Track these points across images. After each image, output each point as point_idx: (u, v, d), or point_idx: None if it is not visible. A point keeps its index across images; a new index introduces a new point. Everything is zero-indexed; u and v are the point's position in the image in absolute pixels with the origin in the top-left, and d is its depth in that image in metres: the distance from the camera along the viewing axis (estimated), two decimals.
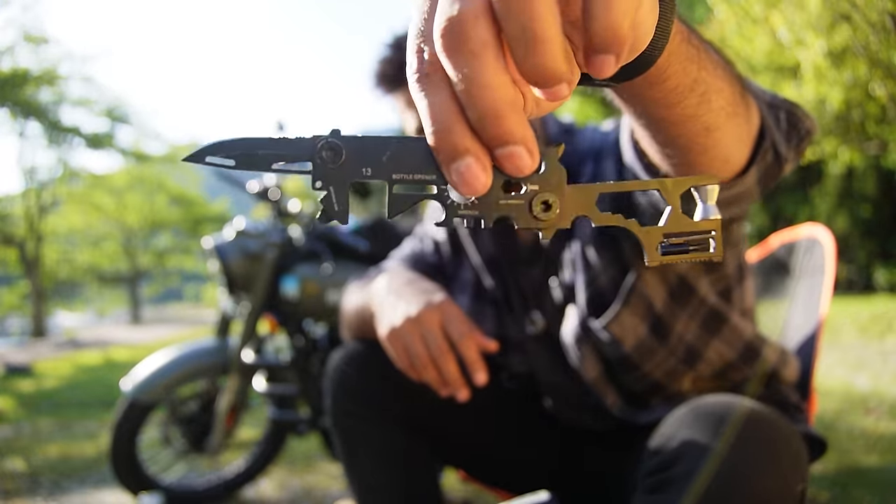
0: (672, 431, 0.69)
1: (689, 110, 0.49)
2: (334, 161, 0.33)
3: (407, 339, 0.82)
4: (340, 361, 1.09)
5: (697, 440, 0.65)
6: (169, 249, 22.09)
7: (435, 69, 0.30)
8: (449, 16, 0.29)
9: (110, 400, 4.48)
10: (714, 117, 0.51)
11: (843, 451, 2.43)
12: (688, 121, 0.50)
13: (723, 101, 0.51)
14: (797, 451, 0.67)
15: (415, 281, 0.93)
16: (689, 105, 0.49)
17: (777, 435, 0.65)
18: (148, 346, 9.72)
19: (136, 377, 2.02)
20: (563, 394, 1.06)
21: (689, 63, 0.46)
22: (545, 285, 1.01)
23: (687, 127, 0.51)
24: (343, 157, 0.33)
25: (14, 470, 2.66)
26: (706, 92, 0.49)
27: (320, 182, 0.33)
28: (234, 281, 2.00)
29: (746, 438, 0.64)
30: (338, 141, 0.33)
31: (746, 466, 0.62)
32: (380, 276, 1.00)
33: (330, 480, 2.39)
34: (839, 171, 11.47)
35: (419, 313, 0.81)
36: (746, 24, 8.15)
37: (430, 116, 0.30)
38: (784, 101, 0.66)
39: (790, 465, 0.64)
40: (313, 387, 1.97)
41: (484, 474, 1.18)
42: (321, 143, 0.33)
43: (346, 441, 1.08)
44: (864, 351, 5.43)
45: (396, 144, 0.33)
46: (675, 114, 0.49)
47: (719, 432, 0.64)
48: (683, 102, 0.48)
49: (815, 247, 1.27)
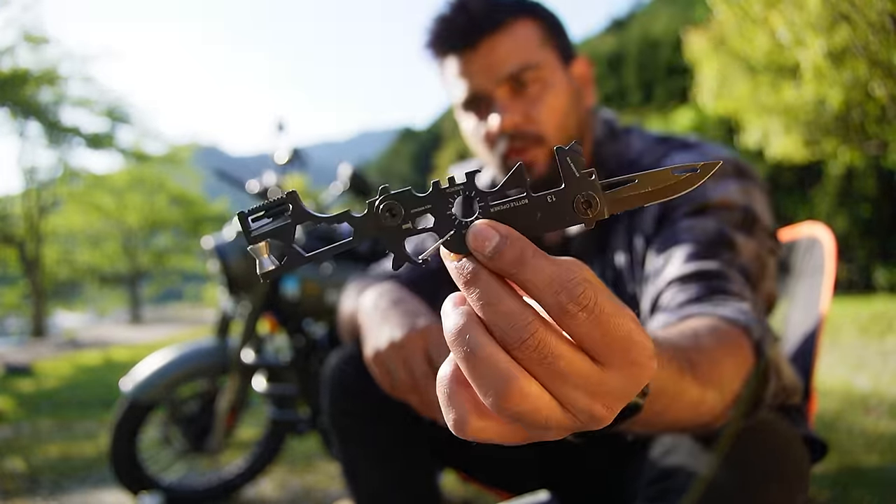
0: (675, 440, 0.68)
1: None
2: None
3: (390, 364, 0.80)
4: (339, 361, 1.09)
5: (699, 449, 0.65)
6: (169, 249, 22.08)
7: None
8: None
9: (110, 400, 4.47)
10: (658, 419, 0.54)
11: (843, 451, 2.43)
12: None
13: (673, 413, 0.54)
14: (798, 461, 0.66)
15: (401, 302, 0.89)
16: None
17: (780, 445, 0.65)
18: (148, 346, 9.72)
19: (136, 377, 2.02)
20: None
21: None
22: None
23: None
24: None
25: (14, 470, 2.66)
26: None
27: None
28: (234, 281, 2.00)
29: (750, 450, 0.63)
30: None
31: (748, 477, 0.61)
32: (369, 291, 0.96)
33: (330, 480, 2.39)
34: (839, 171, 11.48)
35: (403, 338, 0.79)
36: (746, 24, 8.15)
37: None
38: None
39: (791, 476, 0.64)
40: (313, 387, 1.97)
41: (483, 475, 1.18)
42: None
43: (345, 441, 1.08)
44: (864, 351, 5.43)
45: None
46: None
47: (721, 439, 0.64)
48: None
49: (815, 246, 1.27)
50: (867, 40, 6.42)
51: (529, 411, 0.32)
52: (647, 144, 0.97)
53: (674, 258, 0.77)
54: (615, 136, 1.00)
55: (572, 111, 0.94)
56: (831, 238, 1.24)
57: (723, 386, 0.57)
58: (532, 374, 0.32)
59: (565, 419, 0.33)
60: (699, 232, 0.79)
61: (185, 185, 21.22)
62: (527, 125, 0.90)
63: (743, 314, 0.66)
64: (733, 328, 0.64)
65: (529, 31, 0.91)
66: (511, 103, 0.90)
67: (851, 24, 6.37)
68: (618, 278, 0.93)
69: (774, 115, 8.59)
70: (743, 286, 0.73)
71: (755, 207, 0.82)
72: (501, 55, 0.89)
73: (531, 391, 0.32)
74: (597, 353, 0.32)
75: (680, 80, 39.56)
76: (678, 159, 0.89)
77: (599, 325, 0.31)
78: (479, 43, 0.89)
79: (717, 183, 0.83)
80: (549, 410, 0.33)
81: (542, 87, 0.90)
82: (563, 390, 0.32)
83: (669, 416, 0.52)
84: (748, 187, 0.84)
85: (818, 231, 1.31)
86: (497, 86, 0.90)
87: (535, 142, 0.91)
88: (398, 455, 1.05)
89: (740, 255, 0.77)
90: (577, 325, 0.32)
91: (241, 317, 2.07)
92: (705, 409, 0.55)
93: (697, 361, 0.55)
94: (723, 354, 0.60)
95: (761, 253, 0.79)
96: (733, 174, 0.84)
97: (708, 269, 0.73)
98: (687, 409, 0.53)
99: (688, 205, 0.83)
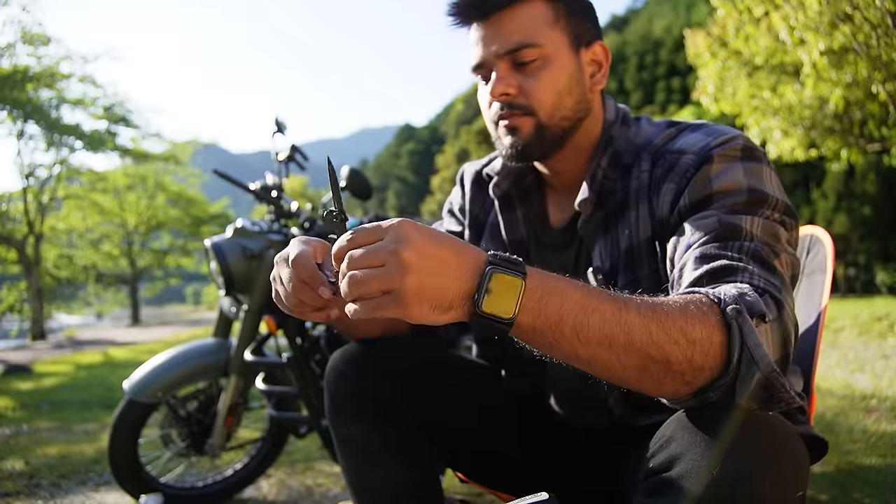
0: (672, 433, 0.68)
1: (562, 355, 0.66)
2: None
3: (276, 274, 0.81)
4: (339, 362, 1.09)
5: (697, 443, 0.65)
6: (169, 249, 22.10)
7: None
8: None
9: (110, 400, 4.47)
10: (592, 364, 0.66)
11: (843, 451, 2.43)
12: (570, 360, 0.67)
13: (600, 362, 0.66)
14: (798, 456, 0.66)
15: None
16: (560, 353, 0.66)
17: (778, 439, 0.65)
18: (148, 346, 9.73)
19: (136, 377, 2.01)
20: (571, 389, 1.06)
21: (542, 339, 0.65)
22: (576, 270, 1.03)
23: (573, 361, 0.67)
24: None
25: (14, 470, 2.66)
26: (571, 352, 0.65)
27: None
28: (233, 281, 2.00)
29: (746, 442, 0.63)
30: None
31: (745, 471, 0.61)
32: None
33: (330, 480, 2.39)
34: (839, 171, 11.48)
35: (293, 255, 0.78)
36: (747, 24, 8.16)
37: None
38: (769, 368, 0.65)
39: (790, 471, 0.64)
40: (313, 387, 1.97)
41: (484, 475, 1.18)
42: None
43: (345, 442, 1.08)
44: (865, 351, 5.44)
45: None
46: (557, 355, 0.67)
47: (719, 435, 0.64)
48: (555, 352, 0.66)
49: (815, 246, 1.27)
50: (868, 40, 6.42)
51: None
52: (657, 128, 1.00)
53: (685, 271, 0.79)
54: (626, 122, 1.03)
55: (572, 92, 0.97)
56: (830, 239, 1.25)
57: (668, 325, 0.64)
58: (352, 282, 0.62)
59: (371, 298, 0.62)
60: (705, 227, 0.80)
61: (185, 185, 21.23)
62: (518, 97, 0.95)
63: (724, 293, 0.68)
64: (703, 297, 0.67)
65: (539, 11, 0.95)
66: (508, 75, 0.95)
67: (852, 25, 6.37)
68: (626, 255, 0.95)
69: (775, 115, 8.59)
70: (752, 271, 0.73)
71: (761, 186, 0.83)
72: (506, 30, 0.95)
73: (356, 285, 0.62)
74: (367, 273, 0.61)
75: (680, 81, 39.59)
76: (689, 139, 0.92)
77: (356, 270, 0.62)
78: (490, 16, 0.95)
79: (724, 168, 0.85)
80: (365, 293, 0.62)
81: (541, 65, 0.95)
82: (362, 288, 0.61)
83: (613, 337, 0.63)
84: (753, 167, 0.85)
85: (818, 231, 1.31)
86: (498, 58, 0.95)
87: (525, 112, 0.96)
88: (398, 456, 1.05)
89: (748, 238, 0.77)
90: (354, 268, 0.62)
91: (240, 317, 2.07)
92: (652, 342, 0.63)
93: (644, 302, 0.65)
94: (677, 307, 0.65)
95: (771, 228, 0.80)
96: (741, 157, 0.86)
97: (715, 268, 0.75)
98: (632, 335, 0.63)
99: (697, 193, 0.85)
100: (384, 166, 77.20)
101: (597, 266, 0.98)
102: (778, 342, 0.69)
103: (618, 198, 0.97)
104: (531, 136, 0.96)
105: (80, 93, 15.32)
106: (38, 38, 13.59)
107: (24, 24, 13.21)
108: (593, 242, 0.99)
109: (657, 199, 0.91)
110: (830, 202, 14.35)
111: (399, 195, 69.51)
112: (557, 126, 0.96)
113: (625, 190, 0.96)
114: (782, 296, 0.72)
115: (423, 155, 71.16)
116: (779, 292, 0.72)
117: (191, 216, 20.99)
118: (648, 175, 0.94)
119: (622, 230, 0.96)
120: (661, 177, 0.91)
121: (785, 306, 0.71)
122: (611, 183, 0.98)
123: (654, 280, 0.92)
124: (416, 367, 1.11)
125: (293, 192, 25.33)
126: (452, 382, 1.13)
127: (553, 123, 0.96)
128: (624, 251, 0.95)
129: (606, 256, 0.97)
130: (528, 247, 1.11)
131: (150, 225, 20.66)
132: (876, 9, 6.04)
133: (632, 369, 0.65)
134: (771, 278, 0.74)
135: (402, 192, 69.82)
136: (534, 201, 1.11)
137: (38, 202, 15.79)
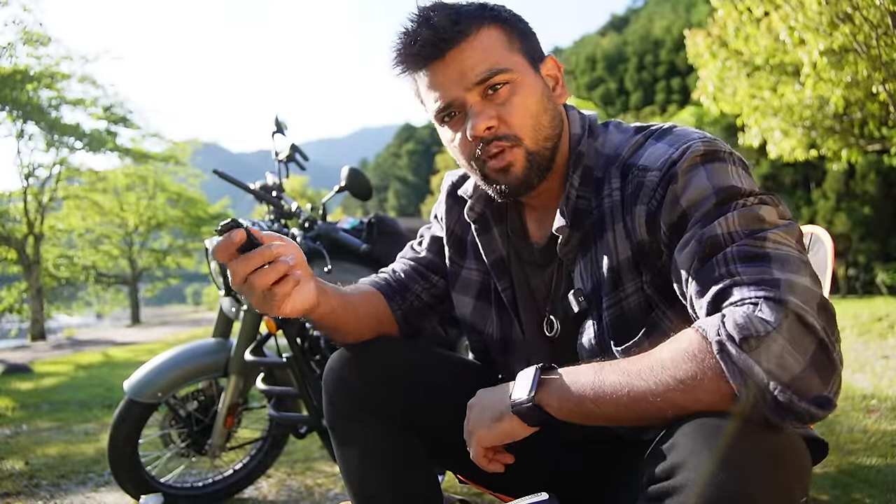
0: (675, 439, 0.68)
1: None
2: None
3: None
4: (338, 363, 1.09)
5: (700, 449, 0.64)
6: (169, 250, 22.08)
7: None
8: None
9: (110, 400, 4.47)
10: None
11: (844, 451, 2.43)
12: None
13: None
14: (799, 461, 0.66)
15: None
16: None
17: (780, 444, 0.65)
18: (148, 346, 9.73)
19: (136, 377, 2.01)
20: None
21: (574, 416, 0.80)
22: (557, 290, 1.01)
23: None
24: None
25: (14, 470, 2.66)
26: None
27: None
28: None
29: (748, 448, 0.63)
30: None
31: (748, 478, 0.61)
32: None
33: (330, 480, 2.39)
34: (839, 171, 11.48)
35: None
36: (747, 25, 8.16)
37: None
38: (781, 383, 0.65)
39: (793, 476, 0.64)
40: (313, 387, 1.97)
41: (482, 476, 1.17)
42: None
43: (344, 443, 1.08)
44: (865, 351, 5.43)
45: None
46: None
47: (721, 441, 0.64)
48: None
49: (816, 246, 1.27)
50: (868, 40, 6.41)
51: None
52: (625, 136, 0.98)
53: (698, 311, 0.79)
54: (593, 132, 1.00)
55: (546, 110, 0.95)
56: (830, 239, 1.25)
57: (663, 377, 0.71)
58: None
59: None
60: (689, 256, 0.80)
61: (185, 185, 21.20)
62: (501, 128, 0.91)
63: (708, 326, 0.70)
64: (693, 334, 0.72)
65: (494, 37, 0.92)
66: (484, 108, 0.91)
67: (852, 24, 6.37)
68: (608, 277, 0.93)
69: (775, 116, 8.59)
70: (742, 281, 0.73)
71: (727, 182, 0.82)
72: (469, 63, 0.90)
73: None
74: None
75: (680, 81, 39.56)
76: (653, 151, 0.90)
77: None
78: (447, 53, 0.91)
79: (687, 180, 0.83)
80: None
81: (512, 89, 0.91)
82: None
83: (622, 413, 0.75)
84: (716, 167, 0.84)
85: (818, 231, 1.31)
86: (468, 92, 0.91)
87: (511, 143, 0.92)
88: (398, 456, 1.05)
89: (728, 242, 0.77)
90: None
91: (240, 317, 2.07)
92: (654, 396, 0.72)
93: (635, 363, 0.75)
94: (668, 356, 0.72)
95: (749, 213, 0.78)
96: (701, 162, 0.84)
97: (713, 297, 0.75)
98: (637, 403, 0.73)
99: (670, 216, 0.84)
100: (384, 166, 77.10)
101: (578, 288, 0.96)
102: (796, 342, 0.66)
103: (594, 217, 0.94)
104: (525, 169, 0.93)
105: (79, 93, 15.31)
106: (38, 38, 13.57)
107: (24, 24, 13.20)
108: (573, 264, 0.98)
109: (631, 220, 0.89)
110: (830, 202, 14.37)
111: (399, 195, 69.43)
112: (543, 149, 0.94)
113: (599, 208, 0.94)
114: (781, 288, 0.69)
115: (423, 155, 71.04)
116: (776, 287, 0.70)
117: (191, 216, 20.96)
118: (619, 193, 0.92)
119: (601, 253, 0.93)
120: (630, 197, 0.89)
121: (787, 302, 0.68)
122: (585, 202, 0.95)
123: (641, 298, 0.91)
124: (414, 368, 1.10)
125: (293, 192, 25.32)
126: (451, 383, 1.13)
127: (539, 147, 0.93)
128: (606, 273, 0.92)
129: (588, 278, 0.95)
130: (509, 264, 1.09)
131: (150, 225, 20.64)
132: (876, 9, 6.03)
133: (658, 419, 0.73)
134: (764, 273, 0.72)
135: (402, 192, 69.73)
136: (512, 218, 1.09)
137: (37, 202, 15.76)
